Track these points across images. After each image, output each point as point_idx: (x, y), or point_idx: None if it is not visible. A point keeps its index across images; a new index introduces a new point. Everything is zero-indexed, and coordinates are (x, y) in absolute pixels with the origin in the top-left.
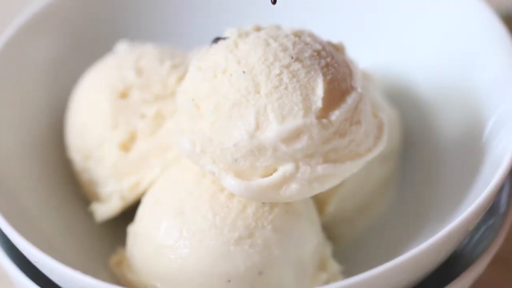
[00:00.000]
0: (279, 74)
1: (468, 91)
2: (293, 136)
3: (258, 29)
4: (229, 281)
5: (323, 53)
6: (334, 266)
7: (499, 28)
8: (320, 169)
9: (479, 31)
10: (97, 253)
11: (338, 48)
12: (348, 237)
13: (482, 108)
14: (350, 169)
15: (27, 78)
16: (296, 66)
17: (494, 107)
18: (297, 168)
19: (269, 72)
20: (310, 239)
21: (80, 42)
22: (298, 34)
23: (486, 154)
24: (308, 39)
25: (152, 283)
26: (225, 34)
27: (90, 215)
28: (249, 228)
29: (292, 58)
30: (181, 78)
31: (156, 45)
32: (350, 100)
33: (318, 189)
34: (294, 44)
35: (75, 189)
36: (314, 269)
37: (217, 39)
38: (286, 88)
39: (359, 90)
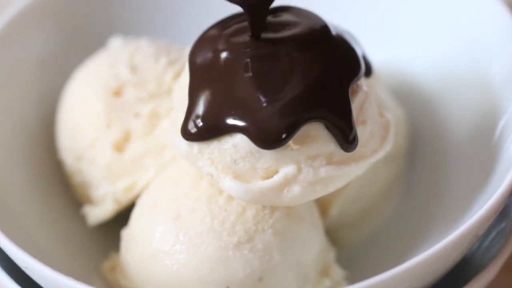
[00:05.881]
0: None
1: (478, 88)
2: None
3: None
4: (228, 287)
5: None
6: (337, 272)
7: (510, 22)
8: (323, 171)
9: (489, 26)
10: (89, 258)
11: None
12: (352, 241)
13: (493, 107)
14: (354, 171)
15: (15, 75)
16: None
17: (506, 106)
18: (299, 170)
19: None
20: (312, 244)
21: (71, 37)
22: None
23: (497, 154)
24: None
25: None
26: None
27: (82, 219)
28: (248, 232)
29: None
30: (177, 75)
31: (151, 40)
32: (355, 99)
33: (321, 192)
34: None
35: (67, 192)
36: (316, 275)
37: None
38: None
39: (364, 88)
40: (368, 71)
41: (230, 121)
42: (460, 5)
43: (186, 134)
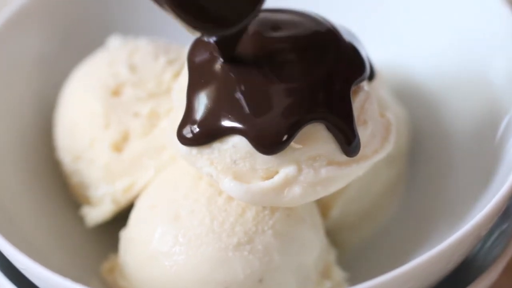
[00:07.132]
0: None
1: (479, 88)
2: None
3: None
4: None
5: None
6: (338, 274)
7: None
8: (324, 171)
9: (490, 26)
10: (88, 260)
11: None
12: (353, 242)
13: (494, 107)
14: (355, 171)
15: (13, 75)
16: None
17: (508, 106)
18: (299, 170)
19: None
20: (313, 245)
21: (70, 36)
22: None
23: (499, 154)
24: None
25: None
26: None
27: (80, 220)
28: (248, 233)
29: None
30: (176, 74)
31: (150, 39)
32: (356, 99)
33: (322, 192)
34: None
35: (65, 192)
36: (317, 277)
37: None
38: None
39: (365, 88)
40: (371, 75)
41: (229, 125)
42: (461, 4)
43: (183, 139)
